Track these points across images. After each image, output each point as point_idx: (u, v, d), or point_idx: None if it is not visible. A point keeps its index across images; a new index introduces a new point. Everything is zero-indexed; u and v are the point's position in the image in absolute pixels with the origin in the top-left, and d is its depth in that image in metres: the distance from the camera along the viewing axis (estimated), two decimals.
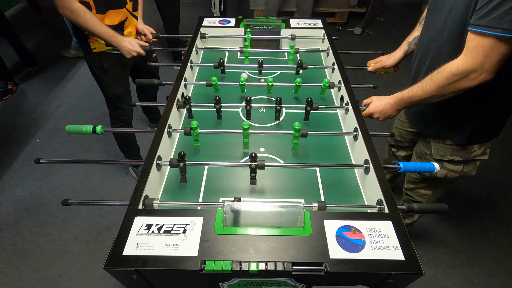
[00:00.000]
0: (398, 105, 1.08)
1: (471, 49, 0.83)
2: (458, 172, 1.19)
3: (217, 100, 1.12)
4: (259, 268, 0.65)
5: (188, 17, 3.72)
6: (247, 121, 0.99)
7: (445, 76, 0.89)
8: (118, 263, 0.65)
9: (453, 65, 0.87)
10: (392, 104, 1.08)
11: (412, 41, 1.28)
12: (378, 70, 1.38)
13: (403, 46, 1.31)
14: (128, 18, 1.52)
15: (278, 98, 1.13)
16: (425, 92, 0.96)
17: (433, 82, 0.92)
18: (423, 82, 0.97)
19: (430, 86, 0.93)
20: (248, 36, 1.52)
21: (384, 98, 1.11)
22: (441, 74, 0.90)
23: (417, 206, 0.81)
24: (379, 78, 2.99)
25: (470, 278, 1.66)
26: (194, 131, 1.00)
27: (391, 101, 1.08)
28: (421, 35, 1.14)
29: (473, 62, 0.83)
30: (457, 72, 0.86)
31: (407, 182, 1.39)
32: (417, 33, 1.26)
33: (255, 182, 0.96)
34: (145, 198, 0.81)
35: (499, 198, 2.05)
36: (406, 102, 1.04)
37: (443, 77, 0.89)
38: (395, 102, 1.07)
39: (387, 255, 0.67)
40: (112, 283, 1.59)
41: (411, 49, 1.29)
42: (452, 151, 1.15)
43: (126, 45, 1.42)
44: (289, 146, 1.08)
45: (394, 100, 1.07)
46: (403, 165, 0.91)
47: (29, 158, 2.22)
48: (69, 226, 1.83)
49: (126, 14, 1.50)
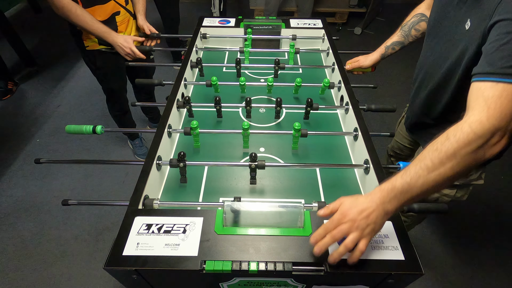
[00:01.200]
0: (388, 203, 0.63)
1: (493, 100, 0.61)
2: (450, 196, 1.14)
3: (217, 100, 1.12)
4: (259, 268, 0.65)
5: (188, 17, 3.73)
6: (247, 121, 0.99)
7: (463, 139, 0.60)
8: (118, 263, 0.65)
9: (472, 124, 0.60)
10: (377, 202, 0.63)
11: (390, 46, 1.25)
12: (355, 70, 1.37)
13: (381, 49, 1.28)
14: (120, 12, 1.47)
15: (278, 99, 1.13)
16: (432, 170, 0.61)
17: (445, 153, 0.60)
18: (421, 158, 0.63)
19: (440, 160, 0.60)
20: (249, 36, 1.52)
21: (360, 197, 0.66)
22: (457, 138, 0.60)
23: (417, 206, 0.80)
24: (379, 78, 3.00)
25: (470, 278, 1.66)
26: (194, 131, 1.00)
27: (374, 197, 0.64)
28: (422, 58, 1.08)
29: (500, 117, 0.60)
30: (481, 133, 0.59)
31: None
32: (396, 38, 1.24)
33: (255, 182, 0.96)
34: (145, 198, 0.81)
35: (499, 197, 2.05)
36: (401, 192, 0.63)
37: (460, 141, 0.60)
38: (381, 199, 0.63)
39: (387, 255, 0.67)
40: (112, 283, 1.59)
41: (388, 53, 1.27)
42: None
43: (120, 42, 1.39)
44: (289, 146, 1.08)
45: (379, 195, 0.64)
46: (403, 165, 0.90)
47: (29, 158, 2.22)
48: (69, 226, 1.83)
49: (116, 7, 1.44)
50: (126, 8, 1.50)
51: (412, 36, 1.22)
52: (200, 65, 1.36)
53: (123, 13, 1.48)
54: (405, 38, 1.23)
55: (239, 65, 1.34)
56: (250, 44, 1.49)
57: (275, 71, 1.37)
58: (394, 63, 3.13)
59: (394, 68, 3.13)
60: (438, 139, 0.63)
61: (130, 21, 1.57)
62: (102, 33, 1.36)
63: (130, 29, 1.58)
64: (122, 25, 1.51)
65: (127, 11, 1.51)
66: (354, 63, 1.34)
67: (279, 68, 1.35)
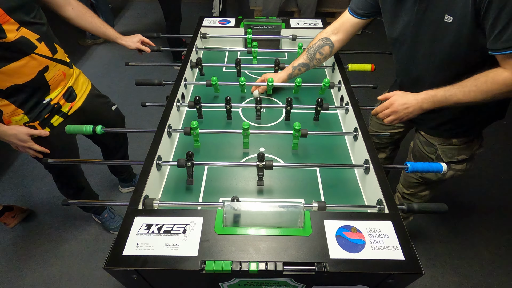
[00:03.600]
0: (426, 104, 0.95)
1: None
2: (463, 170, 1.19)
3: (227, 100, 1.12)
4: (259, 268, 0.65)
5: (188, 17, 3.73)
6: (247, 121, 0.99)
7: (497, 85, 0.85)
8: (118, 263, 0.65)
9: (506, 78, 0.83)
10: (419, 101, 0.95)
11: (297, 67, 1.25)
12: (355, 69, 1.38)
13: (288, 69, 1.27)
14: (49, 67, 1.09)
15: (289, 99, 1.12)
16: (467, 96, 0.88)
17: (480, 88, 0.86)
18: (463, 85, 0.89)
19: (475, 92, 0.87)
20: (248, 36, 1.52)
21: (409, 94, 0.98)
22: (492, 82, 0.85)
23: (417, 206, 0.81)
24: (379, 78, 3.00)
25: (470, 278, 1.66)
26: (194, 131, 1.00)
27: (418, 98, 0.95)
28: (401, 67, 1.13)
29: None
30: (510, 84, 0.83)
31: (408, 188, 1.37)
32: (302, 60, 1.25)
33: (262, 183, 0.94)
34: (145, 198, 0.81)
35: (499, 197, 2.05)
36: (438, 101, 0.93)
37: (494, 85, 0.85)
38: (423, 100, 0.94)
39: (387, 255, 0.67)
40: (112, 283, 1.59)
41: (295, 74, 1.27)
42: (459, 151, 1.14)
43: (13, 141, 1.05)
44: (289, 146, 1.08)
45: (423, 97, 0.94)
46: (411, 165, 0.90)
47: (29, 158, 2.20)
48: (69, 226, 1.83)
49: (41, 62, 1.06)
50: (55, 58, 1.10)
51: (316, 59, 1.25)
52: (200, 65, 1.36)
53: (52, 66, 1.10)
54: (310, 61, 1.25)
55: (239, 65, 1.33)
56: (257, 45, 1.48)
57: (275, 71, 1.37)
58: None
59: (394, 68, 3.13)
60: (480, 78, 0.86)
61: (68, 73, 1.19)
62: None
63: (72, 82, 1.23)
64: (56, 82, 1.14)
65: (58, 62, 1.12)
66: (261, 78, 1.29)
67: (279, 68, 1.35)
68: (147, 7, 4.22)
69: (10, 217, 1.80)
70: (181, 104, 1.17)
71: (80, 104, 1.28)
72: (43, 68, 1.07)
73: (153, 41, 1.50)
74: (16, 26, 0.97)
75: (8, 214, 1.79)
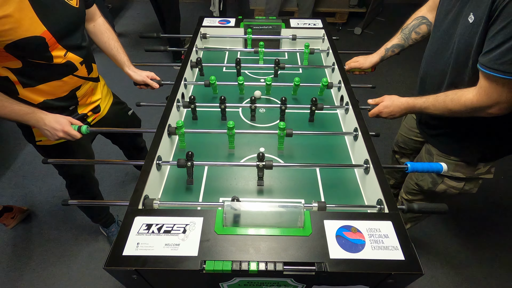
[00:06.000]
0: (407, 111, 1.07)
1: (484, 88, 0.82)
2: (458, 189, 1.15)
3: (222, 100, 1.12)
4: (259, 268, 0.65)
5: (188, 17, 3.73)
6: (232, 121, 0.98)
7: (458, 106, 0.88)
8: (118, 263, 0.65)
9: (467, 99, 0.86)
10: (402, 109, 1.05)
11: (390, 48, 1.26)
12: (355, 70, 1.36)
13: (381, 51, 1.28)
14: (82, 85, 1.13)
15: (283, 98, 1.12)
16: (437, 110, 0.95)
17: (446, 105, 0.91)
18: (436, 99, 0.94)
19: (443, 107, 0.92)
20: (248, 36, 1.52)
21: (395, 100, 1.07)
22: (455, 102, 0.88)
23: (417, 206, 0.81)
24: (378, 79, 3.00)
25: (470, 278, 1.65)
26: (179, 130, 0.99)
27: (402, 106, 1.05)
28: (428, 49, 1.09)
29: (487, 100, 0.82)
30: (471, 107, 0.85)
31: (406, 193, 1.36)
32: (396, 41, 1.25)
33: (262, 183, 0.94)
34: (145, 198, 0.81)
35: (499, 197, 2.05)
36: (417, 111, 1.04)
37: (456, 105, 0.88)
38: (406, 108, 1.05)
39: (387, 255, 0.67)
40: (112, 283, 1.59)
41: (388, 55, 1.27)
42: (455, 167, 1.10)
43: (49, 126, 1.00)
44: (289, 146, 1.08)
45: (406, 106, 1.04)
46: (411, 165, 0.90)
47: (29, 158, 2.22)
48: (69, 226, 1.83)
49: (77, 82, 1.10)
50: (89, 77, 1.16)
51: (412, 39, 1.22)
52: (200, 65, 1.36)
53: (85, 84, 1.15)
54: (405, 41, 1.23)
55: (239, 65, 1.33)
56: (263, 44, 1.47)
57: (275, 71, 1.37)
58: (394, 64, 3.13)
59: (394, 68, 3.13)
60: (450, 95, 0.90)
61: (95, 88, 1.25)
62: (23, 116, 0.98)
63: (98, 96, 1.27)
64: (85, 98, 1.19)
65: (90, 80, 1.17)
66: (353, 63, 1.34)
67: (279, 68, 1.35)
68: (147, 7, 4.21)
69: (9, 218, 1.80)
70: (180, 104, 1.17)
71: (104, 115, 1.32)
72: (77, 86, 1.12)
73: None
74: (64, 52, 1.00)
75: (7, 215, 1.79)
